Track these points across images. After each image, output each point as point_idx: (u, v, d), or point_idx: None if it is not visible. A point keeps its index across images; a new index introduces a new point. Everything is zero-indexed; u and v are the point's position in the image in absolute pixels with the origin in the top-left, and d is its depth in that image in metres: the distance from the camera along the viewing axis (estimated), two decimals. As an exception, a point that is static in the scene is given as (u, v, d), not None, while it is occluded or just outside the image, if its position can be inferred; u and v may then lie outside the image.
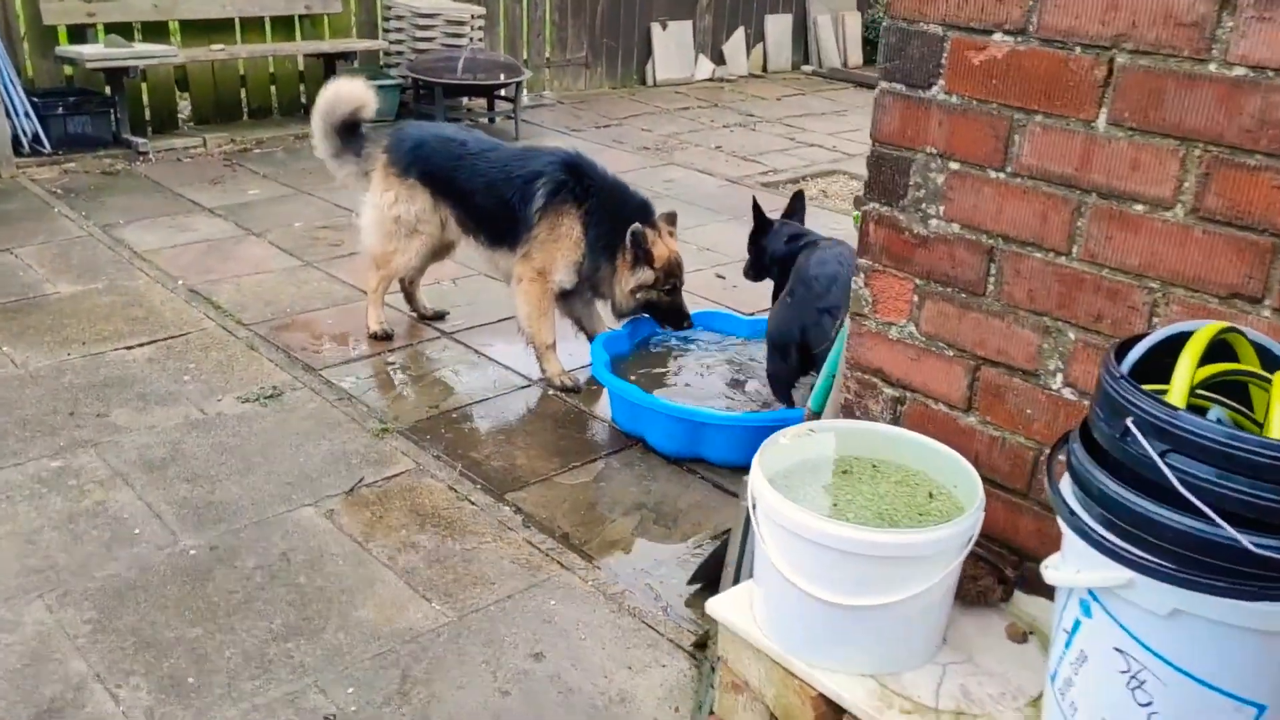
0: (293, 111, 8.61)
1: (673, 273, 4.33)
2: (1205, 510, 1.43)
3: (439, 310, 5.08)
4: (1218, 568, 1.46)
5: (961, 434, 2.27)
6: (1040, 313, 2.10)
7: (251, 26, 8.30)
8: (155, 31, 7.85)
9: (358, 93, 4.79)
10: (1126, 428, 1.50)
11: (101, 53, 7.13)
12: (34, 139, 7.07)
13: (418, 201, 4.57)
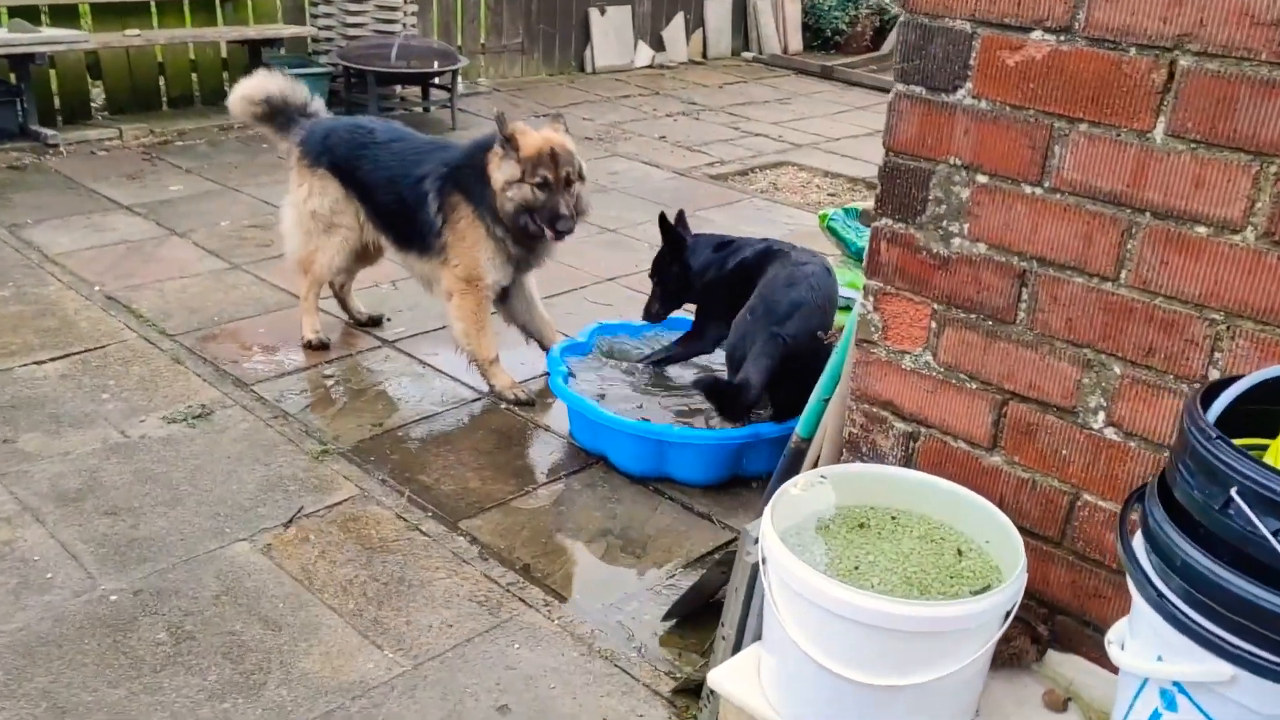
0: (216, 101, 8.12)
1: (542, 162, 3.83)
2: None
3: (375, 315, 4.76)
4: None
5: (985, 475, 2.05)
6: (1080, 344, 1.88)
7: (169, 10, 7.85)
8: (64, 15, 7.37)
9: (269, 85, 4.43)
10: (1230, 499, 1.29)
11: (4, 38, 6.65)
12: (-70, 131, 6.58)
13: (329, 193, 4.25)
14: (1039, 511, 2.01)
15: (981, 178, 1.92)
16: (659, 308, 3.95)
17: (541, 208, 3.85)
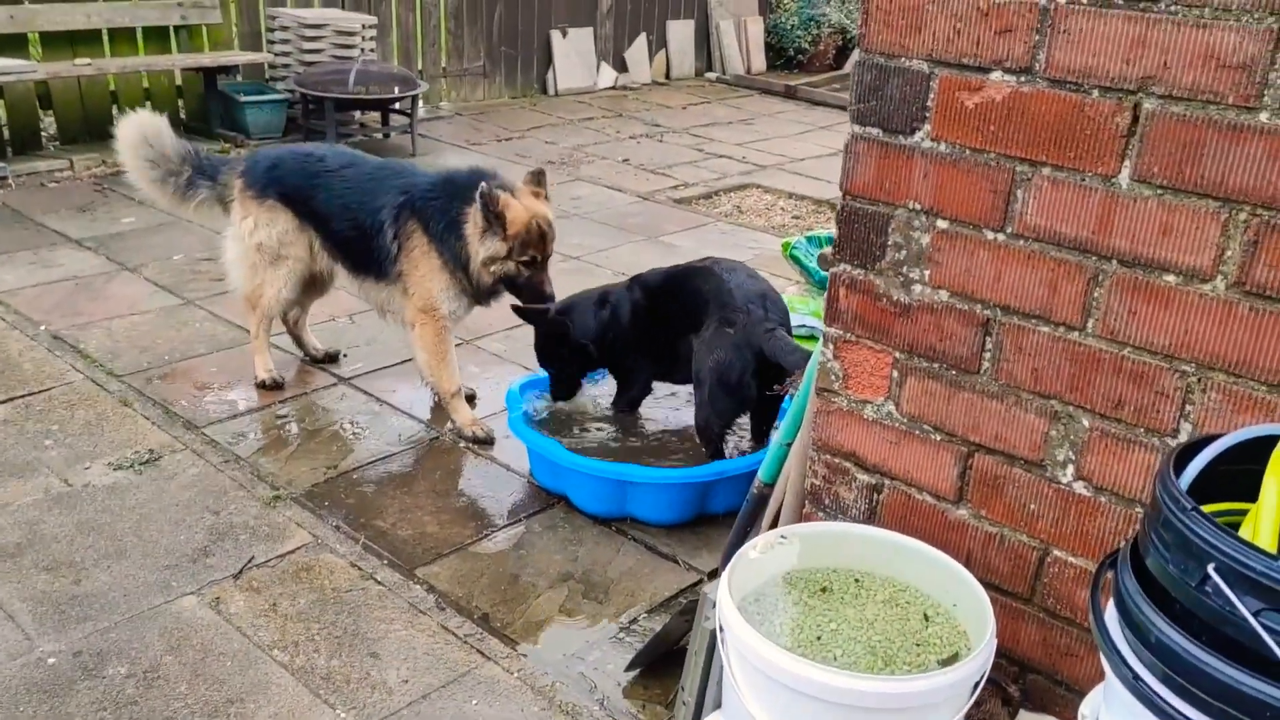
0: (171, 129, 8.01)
1: (530, 241, 3.73)
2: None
3: (331, 351, 4.64)
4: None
5: (951, 529, 1.97)
6: (1047, 395, 1.80)
7: (122, 38, 7.69)
8: (12, 44, 7.21)
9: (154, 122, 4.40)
10: (1207, 575, 1.21)
11: (-50, 69, 6.49)
12: (-126, 164, 6.40)
13: (279, 224, 4.14)
14: (1008, 567, 1.93)
15: (942, 223, 1.85)
16: (567, 390, 3.86)
17: (526, 284, 3.81)
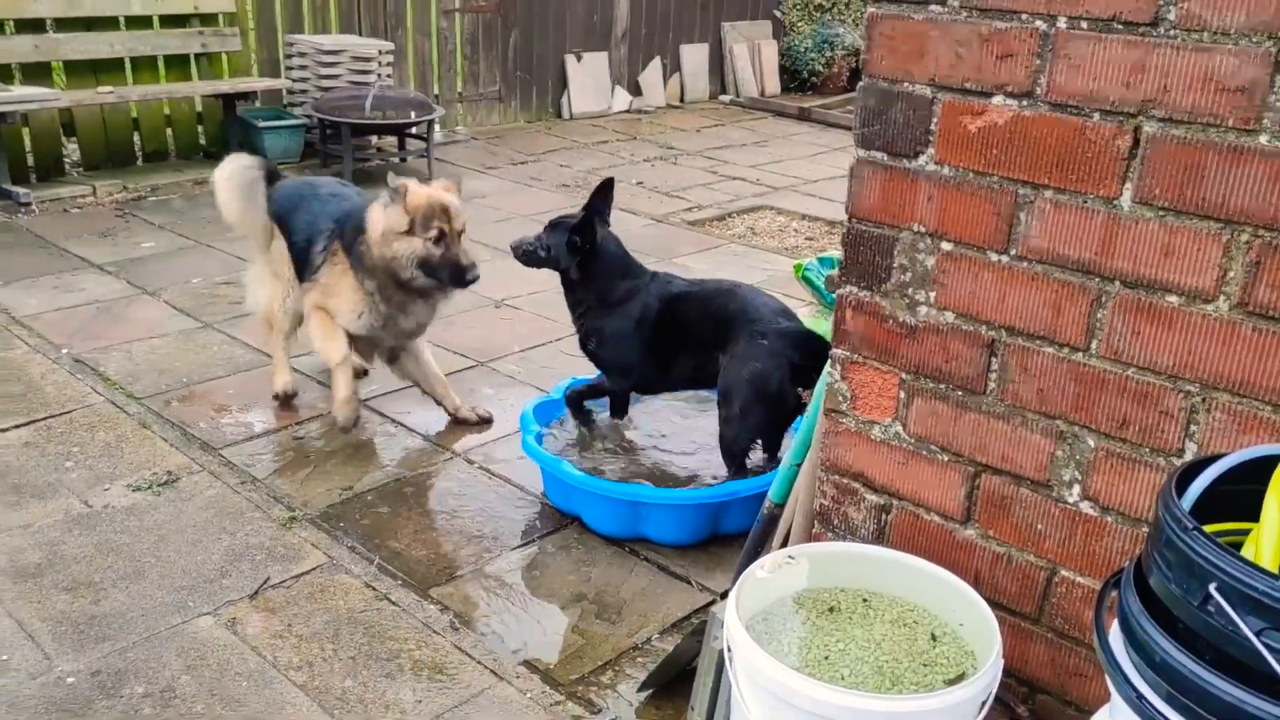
0: (190, 155, 8.13)
1: (433, 214, 3.80)
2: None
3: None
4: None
5: (959, 549, 1.98)
6: (1053, 415, 1.82)
7: (144, 66, 7.80)
8: (37, 73, 7.32)
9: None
10: (1209, 595, 1.22)
11: (-25, 97, 6.59)
12: (-100, 191, 6.50)
13: (276, 242, 4.34)
14: (1015, 587, 1.94)
15: (946, 245, 1.87)
16: (536, 245, 3.79)
17: (441, 262, 3.84)
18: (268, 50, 8.43)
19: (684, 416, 4.10)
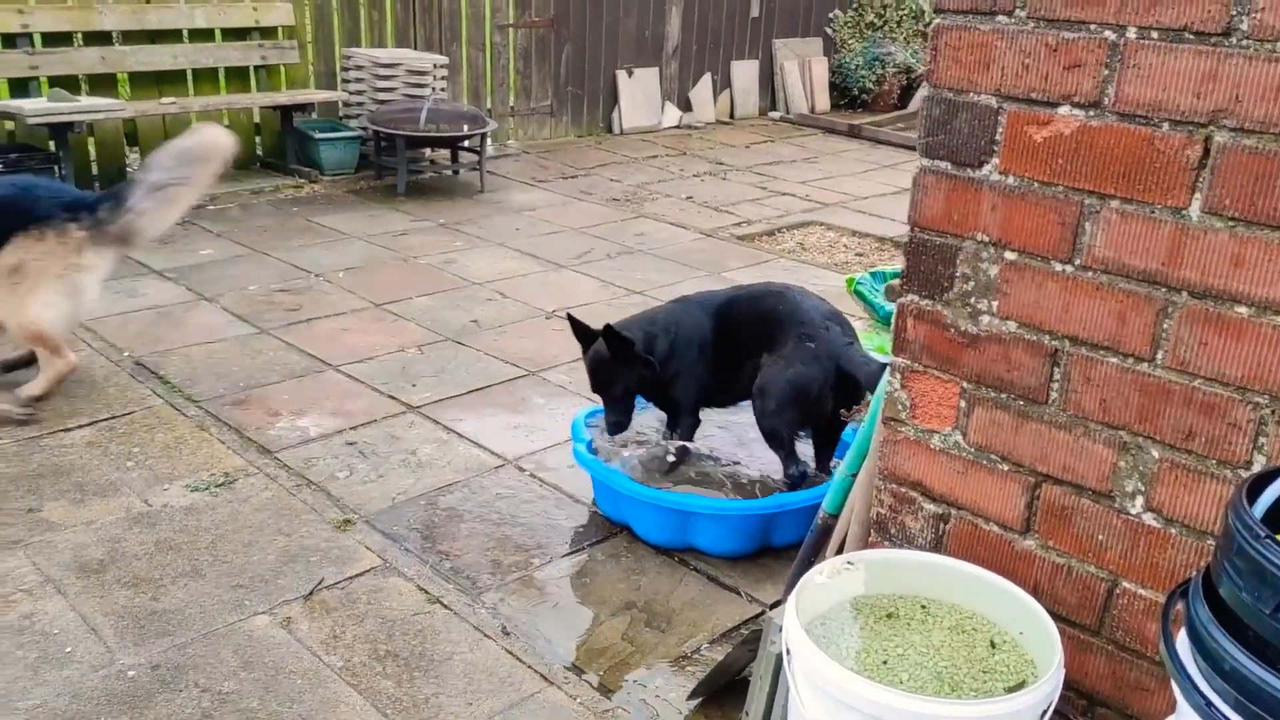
0: (248, 165, 8.26)
1: None
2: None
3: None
4: None
5: (1018, 559, 1.98)
6: (1116, 426, 1.81)
7: (204, 77, 7.96)
8: (103, 84, 7.49)
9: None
10: (1280, 603, 1.21)
11: (44, 107, 6.74)
12: (-30, 197, 6.66)
13: None
14: (1075, 598, 1.93)
15: (1010, 254, 1.87)
16: (625, 416, 3.74)
17: None
18: (325, 63, 8.57)
19: (734, 429, 4.11)
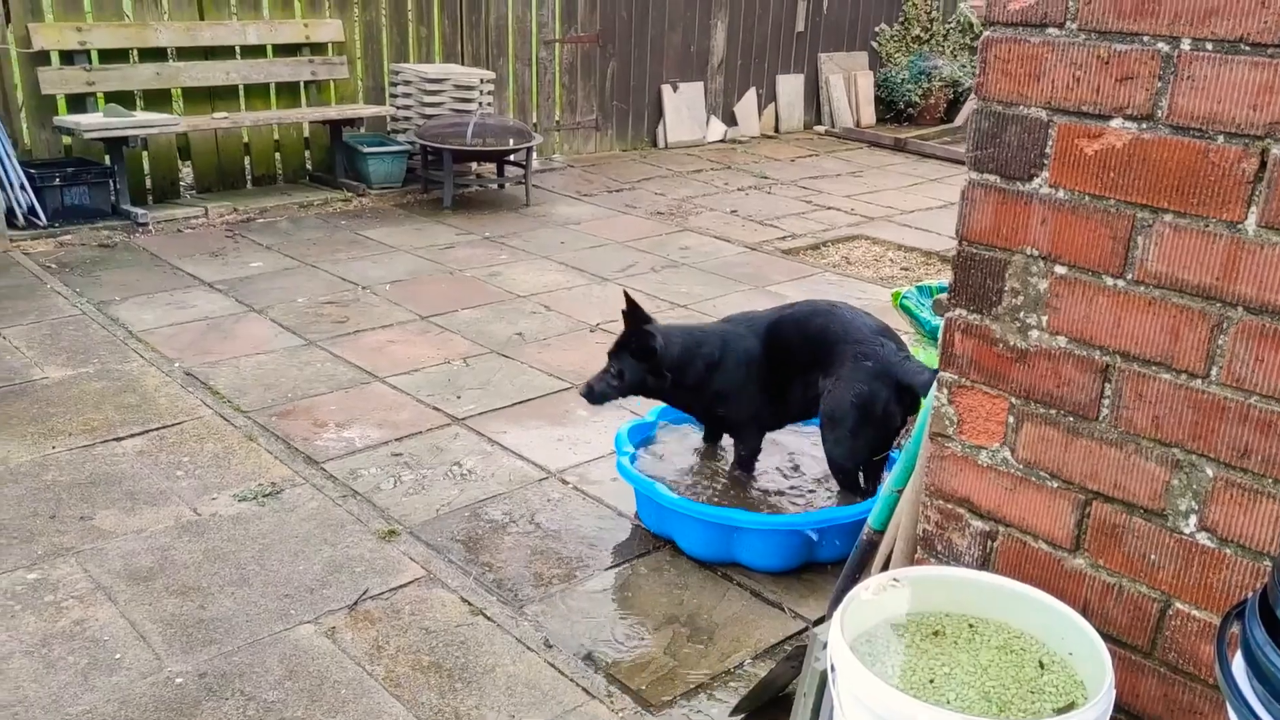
0: (297, 179, 8.39)
1: None
2: None
3: None
4: None
5: (1068, 578, 1.95)
6: (1169, 443, 1.78)
7: (255, 93, 8.09)
8: (157, 99, 7.63)
9: None
10: (1341, 626, 1.18)
11: (100, 122, 6.89)
12: (29, 211, 6.81)
13: None
14: (1126, 619, 1.90)
15: (1060, 269, 1.85)
16: (607, 393, 3.69)
17: None
18: (374, 78, 8.67)
19: (779, 443, 4.09)
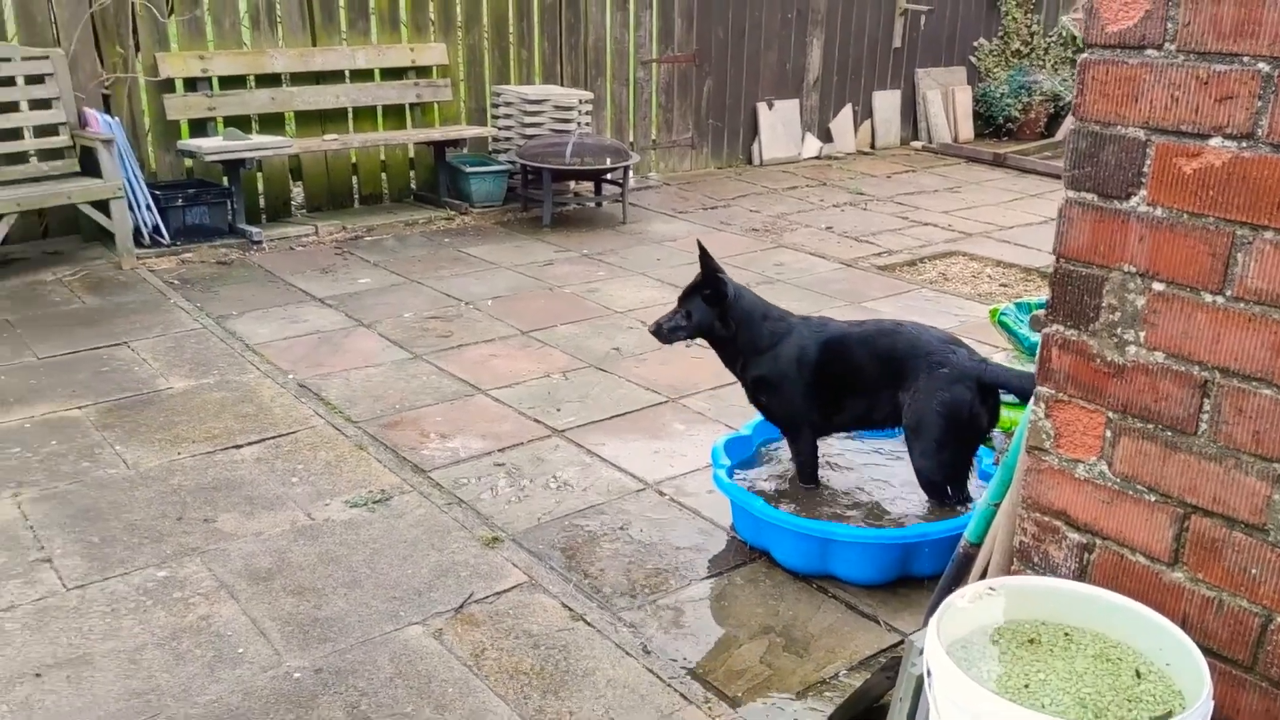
0: (402, 198, 8.67)
1: None
2: None
3: None
4: None
5: (1166, 591, 1.96)
6: (1270, 459, 1.79)
7: (363, 115, 8.39)
8: (271, 122, 7.97)
9: None
10: None
11: (219, 145, 7.23)
12: (154, 230, 7.18)
13: None
14: (1226, 633, 1.91)
15: (1158, 285, 1.88)
16: (671, 330, 3.86)
17: None
18: (476, 100, 8.91)
19: (873, 457, 4.13)
